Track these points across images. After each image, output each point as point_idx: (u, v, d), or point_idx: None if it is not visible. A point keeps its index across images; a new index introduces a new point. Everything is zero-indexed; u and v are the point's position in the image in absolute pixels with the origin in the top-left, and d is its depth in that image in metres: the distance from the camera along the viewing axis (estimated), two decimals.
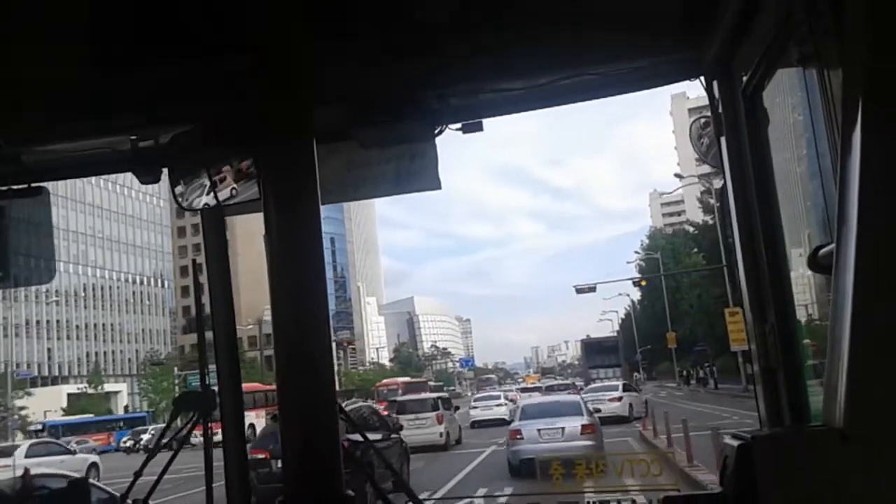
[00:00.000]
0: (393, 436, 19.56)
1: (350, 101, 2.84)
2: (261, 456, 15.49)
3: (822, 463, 1.80)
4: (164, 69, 2.58)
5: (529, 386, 69.83)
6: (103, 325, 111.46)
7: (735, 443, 2.06)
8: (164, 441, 3.16)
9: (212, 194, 2.98)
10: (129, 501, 3.00)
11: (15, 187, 3.10)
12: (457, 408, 35.77)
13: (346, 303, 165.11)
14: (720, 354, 56.83)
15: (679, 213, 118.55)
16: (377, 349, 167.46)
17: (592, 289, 50.61)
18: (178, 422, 3.24)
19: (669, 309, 70.59)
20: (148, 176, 3.17)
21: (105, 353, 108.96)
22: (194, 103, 2.85)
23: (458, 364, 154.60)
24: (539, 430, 20.44)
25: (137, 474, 3.07)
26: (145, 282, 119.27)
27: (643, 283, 67.88)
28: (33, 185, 3.13)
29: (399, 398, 33.27)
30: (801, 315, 2.72)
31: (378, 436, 17.84)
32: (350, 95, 2.84)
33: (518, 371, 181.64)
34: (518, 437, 20.88)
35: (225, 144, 2.94)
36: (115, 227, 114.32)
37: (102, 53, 2.50)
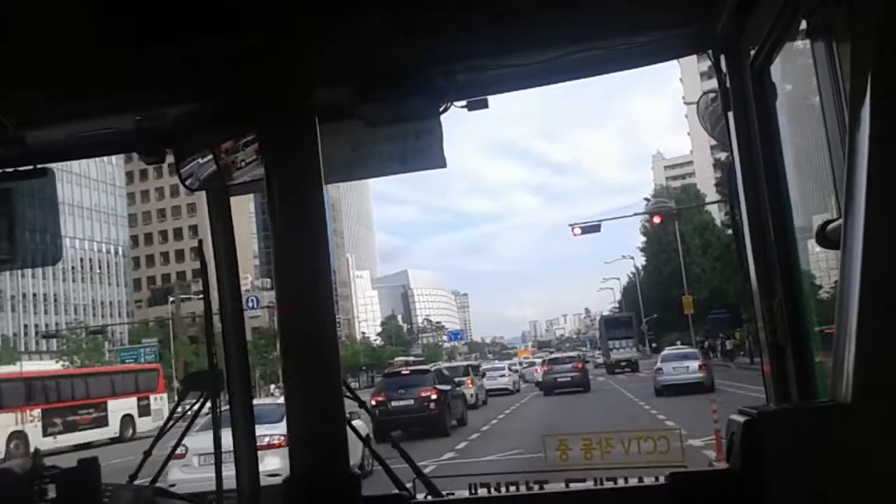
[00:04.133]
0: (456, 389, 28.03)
1: (354, 80, 2.82)
2: (381, 399, 24.54)
3: (828, 438, 1.80)
4: (167, 48, 2.56)
5: (526, 359, 71.32)
6: (44, 295, 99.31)
7: (741, 419, 2.07)
8: (175, 419, 3.17)
9: (216, 174, 2.97)
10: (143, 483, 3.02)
11: (21, 169, 3.09)
12: (483, 374, 42.12)
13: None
14: (739, 325, 51.07)
15: (684, 177, 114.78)
16: (367, 323, 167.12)
17: (596, 227, 42.23)
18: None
19: (678, 275, 62.01)
20: (152, 156, 3.15)
21: (41, 326, 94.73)
22: (198, 83, 2.83)
23: (445, 338, 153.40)
24: (674, 367, 32.05)
25: (147, 454, 3.08)
26: (95, 248, 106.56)
27: (658, 219, 57.83)
28: (39, 166, 3.12)
29: (438, 367, 35.50)
30: (809, 290, 2.72)
31: (449, 387, 26.46)
32: (354, 73, 2.82)
33: (516, 345, 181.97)
34: (660, 372, 32.48)
35: (229, 124, 2.93)
36: (59, 185, 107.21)
37: (106, 33, 2.47)
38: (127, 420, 37.12)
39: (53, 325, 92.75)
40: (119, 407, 36.93)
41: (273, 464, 7.43)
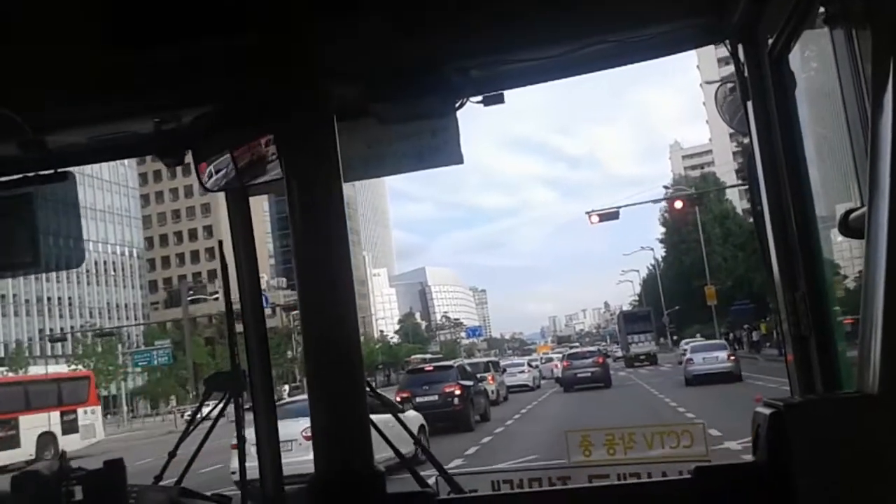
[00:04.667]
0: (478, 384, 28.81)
1: (369, 78, 2.82)
2: (405, 395, 24.97)
3: (855, 430, 1.78)
4: (184, 48, 2.57)
5: (545, 355, 71.28)
6: (58, 298, 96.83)
7: (767, 411, 2.04)
8: (197, 421, 3.19)
9: (235, 175, 2.98)
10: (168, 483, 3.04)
11: (42, 173, 3.11)
12: (504, 370, 42.34)
13: None
14: (764, 315, 48.88)
15: (703, 167, 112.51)
16: (385, 321, 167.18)
17: (614, 215, 39.38)
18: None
19: (699, 265, 61.14)
20: (171, 157, 3.17)
21: (56, 329, 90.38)
22: (215, 83, 2.84)
23: (463, 334, 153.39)
24: (704, 357, 33.55)
25: (171, 454, 3.11)
26: (109, 250, 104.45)
27: (681, 203, 50.69)
28: (59, 170, 3.14)
29: (461, 363, 35.81)
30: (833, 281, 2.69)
31: (471, 382, 27.00)
32: (367, 72, 2.82)
33: (535, 341, 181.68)
34: (690, 362, 33.73)
35: (247, 124, 2.93)
36: None
37: (123, 33, 2.48)
38: (46, 439, 30.31)
39: (68, 328, 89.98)
40: (35, 423, 30.39)
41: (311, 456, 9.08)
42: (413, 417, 18.25)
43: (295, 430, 12.93)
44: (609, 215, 39.27)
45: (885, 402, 1.70)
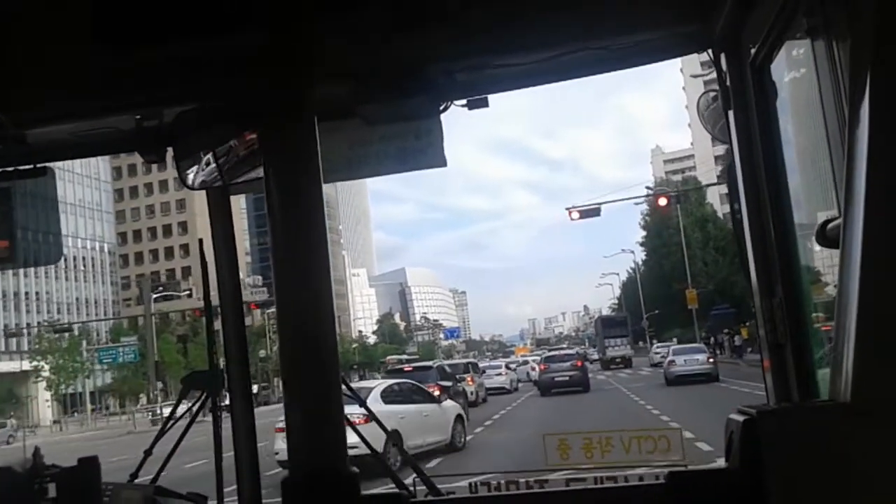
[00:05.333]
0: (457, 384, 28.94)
1: (354, 78, 2.82)
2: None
3: (827, 438, 1.80)
4: (167, 47, 2.56)
5: (522, 357, 71.55)
6: (25, 294, 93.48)
7: (740, 418, 2.06)
8: (174, 420, 3.17)
9: (216, 174, 2.97)
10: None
11: (21, 168, 3.08)
12: (483, 371, 42.18)
13: None
14: (745, 320, 47.77)
15: (684, 171, 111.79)
16: (365, 321, 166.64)
17: (595, 211, 37.93)
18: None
19: (680, 269, 60.84)
20: (152, 155, 3.14)
21: (21, 325, 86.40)
22: (198, 82, 2.83)
23: (442, 335, 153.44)
24: (685, 359, 35.88)
25: (147, 452, 3.08)
26: (80, 245, 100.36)
27: (665, 200, 49.38)
28: (38, 165, 3.11)
29: (441, 364, 36.18)
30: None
31: (450, 383, 27.19)
32: (354, 72, 2.81)
33: (515, 343, 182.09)
34: (672, 363, 36.17)
35: (228, 123, 2.92)
36: None
37: (106, 31, 2.47)
38: None
39: (35, 323, 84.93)
40: None
41: (352, 439, 12.52)
42: (451, 407, 19.65)
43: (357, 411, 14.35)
44: (590, 211, 38.25)
45: (857, 410, 1.72)
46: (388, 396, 18.26)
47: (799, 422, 1.91)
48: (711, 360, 36.74)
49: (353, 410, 7.81)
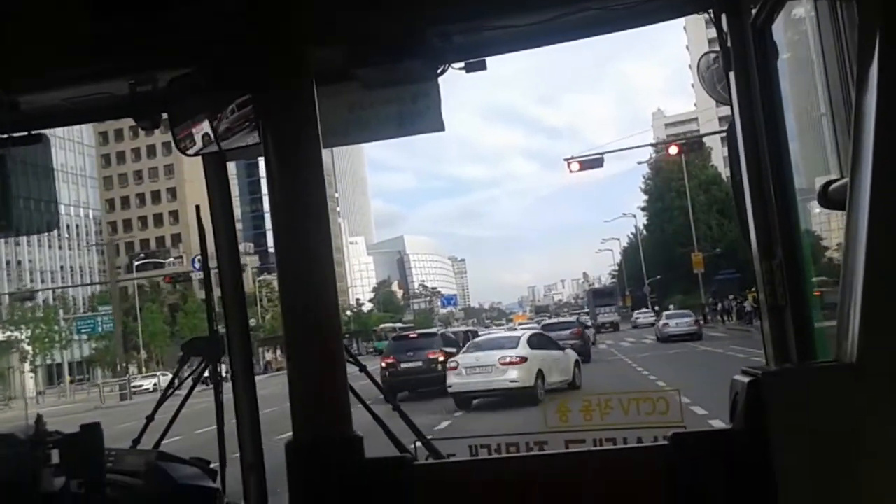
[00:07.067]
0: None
1: (351, 41, 2.78)
2: (390, 361, 26.16)
3: (833, 398, 1.81)
4: (161, 11, 2.52)
5: (523, 324, 72.06)
6: (6, 262, 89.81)
7: (745, 379, 2.07)
8: (175, 387, 3.18)
9: (213, 139, 2.94)
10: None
11: (15, 135, 3.05)
12: None
13: None
14: (751, 285, 46.98)
15: (686, 135, 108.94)
16: (363, 289, 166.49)
17: (598, 162, 34.42)
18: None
19: (683, 233, 59.76)
20: (147, 121, 3.12)
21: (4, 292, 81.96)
22: (192, 47, 2.79)
23: (439, 303, 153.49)
24: (676, 322, 43.55)
25: (149, 419, 3.10)
26: (63, 210, 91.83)
27: (676, 148, 41.69)
28: (33, 132, 3.08)
29: (444, 331, 36.90)
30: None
31: (454, 349, 26.39)
32: (351, 35, 2.78)
33: (514, 311, 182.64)
34: (666, 325, 43.61)
35: (224, 88, 2.89)
36: None
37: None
38: None
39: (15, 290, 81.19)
40: None
41: (512, 375, 19.30)
42: (572, 354, 23.39)
43: (493, 358, 20.40)
44: (592, 162, 34.84)
45: (863, 371, 1.73)
46: (532, 343, 22.08)
47: (804, 383, 1.91)
48: (696, 323, 44.40)
49: (509, 353, 16.84)
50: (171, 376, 3.20)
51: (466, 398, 20.46)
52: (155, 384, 47.69)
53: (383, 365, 26.04)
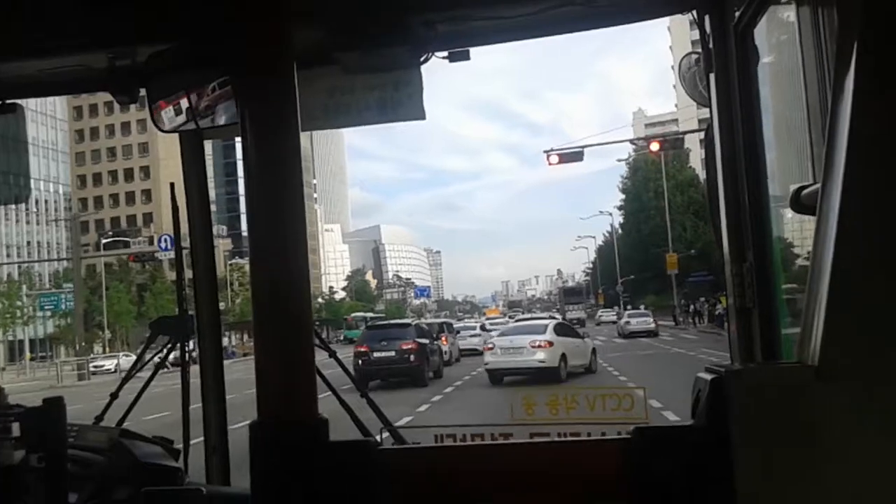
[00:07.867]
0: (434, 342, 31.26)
1: (333, 24, 2.76)
2: (363, 349, 26.97)
3: (794, 398, 1.84)
4: None
5: (496, 318, 73.74)
6: None
7: (709, 377, 2.09)
8: (140, 365, 3.16)
9: (190, 117, 2.91)
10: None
11: None
12: (458, 332, 43.60)
13: None
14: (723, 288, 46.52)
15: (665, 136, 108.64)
16: (337, 276, 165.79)
17: (578, 156, 33.59)
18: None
19: (658, 234, 60.52)
20: (124, 95, 3.07)
21: None
22: (172, 21, 2.75)
23: (412, 294, 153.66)
24: (637, 321, 49.92)
25: (113, 396, 3.07)
26: (31, 185, 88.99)
27: (657, 144, 42.19)
28: (7, 101, 3.03)
29: (418, 322, 37.54)
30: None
31: (427, 340, 28.75)
32: (334, 18, 2.76)
33: (487, 304, 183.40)
34: (628, 324, 50.28)
35: (203, 66, 2.86)
36: None
37: None
38: None
39: None
40: None
41: (541, 356, 23.97)
42: (589, 342, 27.05)
43: (525, 341, 24.42)
44: (571, 155, 34.39)
45: (824, 373, 1.76)
46: (557, 331, 25.91)
47: (766, 382, 1.94)
48: (653, 323, 50.04)
49: (538, 338, 24.75)
50: (134, 357, 3.17)
51: (500, 374, 24.23)
52: (116, 365, 47.24)
53: (356, 353, 26.46)
